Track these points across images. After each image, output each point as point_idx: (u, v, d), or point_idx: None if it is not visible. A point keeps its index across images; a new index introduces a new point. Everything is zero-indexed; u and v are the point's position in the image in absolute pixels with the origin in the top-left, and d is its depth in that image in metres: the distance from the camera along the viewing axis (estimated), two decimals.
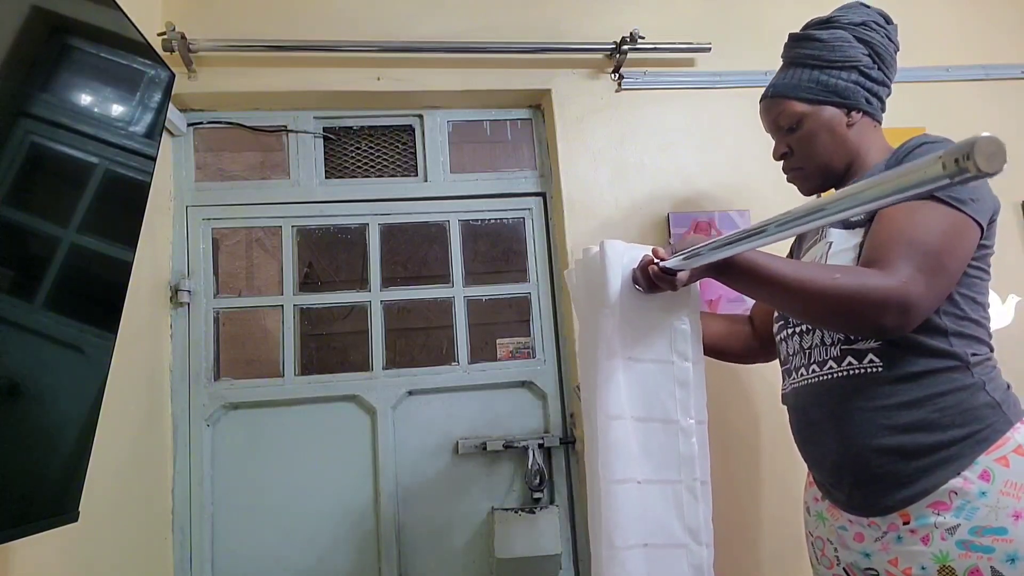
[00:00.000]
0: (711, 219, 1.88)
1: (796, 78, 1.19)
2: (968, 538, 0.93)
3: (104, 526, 1.33)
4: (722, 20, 2.01)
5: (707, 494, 1.09)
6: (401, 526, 1.77)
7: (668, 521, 1.05)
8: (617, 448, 1.04)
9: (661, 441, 1.07)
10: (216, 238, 1.87)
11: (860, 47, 1.17)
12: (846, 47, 1.16)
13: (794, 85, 1.18)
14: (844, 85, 1.16)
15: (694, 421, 1.10)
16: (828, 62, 1.17)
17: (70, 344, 1.06)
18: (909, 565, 0.97)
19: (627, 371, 1.07)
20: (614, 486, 1.03)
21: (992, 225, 1.05)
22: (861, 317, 0.95)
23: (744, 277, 1.01)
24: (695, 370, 1.11)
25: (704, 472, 1.10)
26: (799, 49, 1.20)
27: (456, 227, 1.95)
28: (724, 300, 1.84)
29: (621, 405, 1.06)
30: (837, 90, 1.16)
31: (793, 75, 1.19)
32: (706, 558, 1.07)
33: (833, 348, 1.07)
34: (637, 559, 1.02)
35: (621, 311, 1.08)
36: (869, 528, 1.03)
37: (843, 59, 1.16)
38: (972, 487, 0.94)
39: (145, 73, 1.26)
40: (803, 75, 1.18)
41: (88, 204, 1.08)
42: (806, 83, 1.17)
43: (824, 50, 1.17)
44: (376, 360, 1.84)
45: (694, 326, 1.13)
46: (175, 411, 1.73)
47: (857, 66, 1.16)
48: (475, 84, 1.90)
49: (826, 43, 1.17)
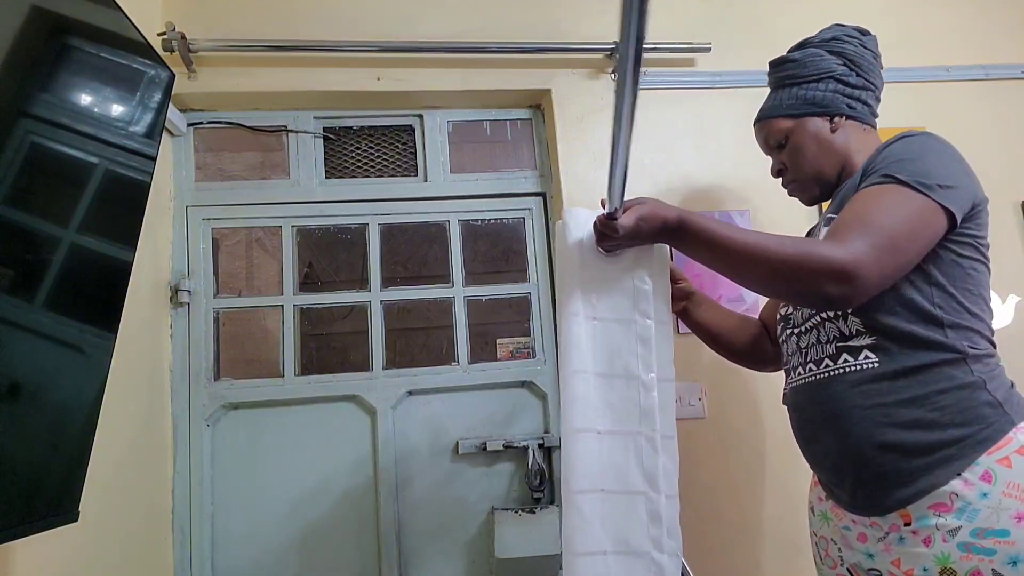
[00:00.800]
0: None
1: (778, 99, 1.25)
2: (970, 540, 0.93)
3: (104, 526, 1.33)
4: (722, 20, 2.01)
5: (670, 448, 1.10)
6: (401, 526, 1.77)
7: (627, 469, 1.08)
8: (579, 401, 1.08)
9: (623, 395, 1.10)
10: (216, 238, 1.87)
11: (833, 58, 1.21)
12: (818, 61, 1.22)
13: (776, 105, 1.25)
14: (822, 95, 1.20)
15: (655, 376, 1.12)
16: (803, 77, 1.22)
17: (70, 344, 1.06)
18: (911, 566, 0.97)
19: (591, 330, 1.12)
20: (574, 435, 1.07)
21: (977, 215, 1.04)
22: (803, 282, 0.96)
23: (694, 239, 1.04)
24: (658, 328, 1.14)
25: (667, 426, 1.11)
26: (777, 73, 1.27)
27: (456, 227, 1.95)
28: (725, 300, 1.84)
29: (585, 361, 1.10)
30: (815, 100, 1.21)
31: (776, 97, 1.26)
32: (664, 506, 1.08)
33: (829, 346, 1.09)
34: (593, 503, 1.05)
35: (585, 273, 1.13)
36: (871, 528, 1.03)
37: (817, 72, 1.21)
38: (973, 489, 0.94)
39: (145, 73, 1.26)
40: (783, 94, 1.25)
41: (88, 204, 1.08)
42: (787, 100, 1.24)
43: (798, 67, 1.23)
44: (376, 360, 1.84)
45: (657, 287, 1.16)
46: (175, 411, 1.73)
47: (832, 75, 1.20)
48: (475, 84, 1.90)
49: (799, 61, 1.23)
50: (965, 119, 2.01)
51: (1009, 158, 2.03)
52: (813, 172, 1.21)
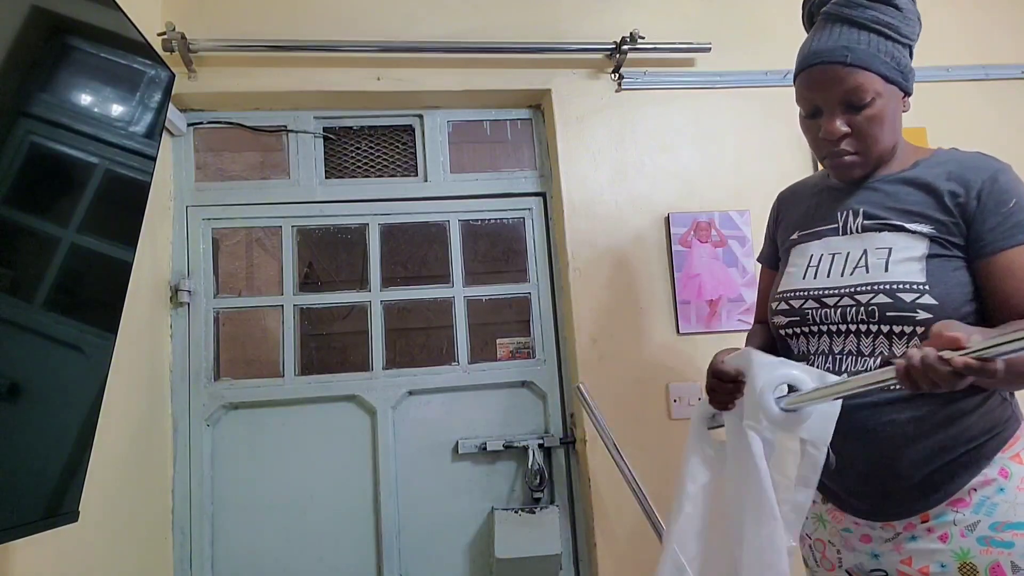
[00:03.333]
0: (711, 219, 1.88)
1: (874, 47, 1.00)
2: (988, 534, 0.93)
3: (104, 526, 1.33)
4: (722, 20, 2.01)
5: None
6: (401, 526, 1.77)
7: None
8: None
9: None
10: (216, 238, 1.87)
11: (918, 25, 1.05)
12: (915, 24, 1.03)
13: (873, 55, 1.00)
14: (908, 68, 1.03)
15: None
16: (903, 36, 1.02)
17: (70, 344, 1.06)
18: (926, 563, 0.96)
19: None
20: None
21: None
22: None
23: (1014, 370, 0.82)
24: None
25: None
26: (874, 12, 1.01)
27: (456, 227, 1.95)
28: (724, 299, 1.84)
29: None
30: (905, 72, 1.03)
31: (869, 42, 1.00)
32: None
33: (872, 359, 1.01)
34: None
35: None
36: (882, 530, 1.02)
37: (912, 36, 1.03)
38: (991, 483, 0.95)
39: (145, 73, 1.26)
40: (880, 45, 1.00)
41: (88, 204, 1.08)
42: (883, 56, 1.00)
43: (903, 21, 1.02)
44: (376, 360, 1.84)
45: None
46: (175, 411, 1.73)
47: (911, 47, 1.04)
48: (475, 84, 1.90)
49: (904, 13, 1.02)
50: (965, 119, 2.01)
51: (1009, 158, 2.00)
52: (881, 150, 1.04)
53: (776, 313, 1.14)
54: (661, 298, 1.85)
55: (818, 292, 1.07)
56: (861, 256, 1.04)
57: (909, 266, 0.99)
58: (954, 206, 0.99)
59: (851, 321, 1.02)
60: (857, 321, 1.02)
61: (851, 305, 1.02)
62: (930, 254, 0.99)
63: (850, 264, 1.04)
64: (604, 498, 1.73)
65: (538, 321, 1.92)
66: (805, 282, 1.09)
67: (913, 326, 0.96)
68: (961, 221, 0.99)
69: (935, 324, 0.79)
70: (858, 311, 1.01)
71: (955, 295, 0.97)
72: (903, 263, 0.99)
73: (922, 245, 0.99)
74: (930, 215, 1.00)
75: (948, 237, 0.99)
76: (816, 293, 1.07)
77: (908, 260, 0.99)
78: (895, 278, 0.99)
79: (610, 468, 1.62)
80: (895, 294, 0.97)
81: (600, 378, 1.76)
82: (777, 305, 1.13)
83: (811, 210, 1.16)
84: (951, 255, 0.99)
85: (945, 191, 1.00)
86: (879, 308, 0.99)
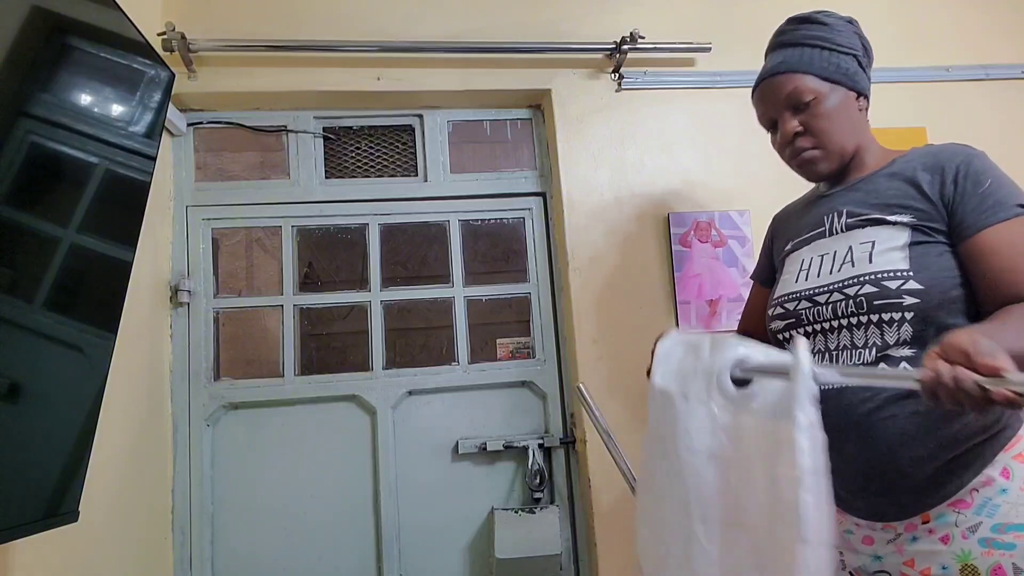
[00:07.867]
0: (711, 219, 1.88)
1: (807, 56, 1.12)
2: (990, 535, 0.92)
3: (104, 526, 1.33)
4: (722, 20, 2.01)
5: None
6: (401, 526, 1.77)
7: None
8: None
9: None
10: (216, 238, 1.87)
11: (856, 39, 1.14)
12: (848, 35, 1.14)
13: (807, 61, 1.12)
14: (854, 70, 1.12)
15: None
16: (836, 44, 1.12)
17: (70, 344, 1.06)
18: (928, 565, 0.96)
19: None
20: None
21: None
22: None
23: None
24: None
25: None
26: (803, 31, 1.15)
27: (456, 227, 1.95)
28: (724, 299, 1.84)
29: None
30: (848, 73, 1.12)
31: (802, 54, 1.13)
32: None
33: (867, 352, 1.02)
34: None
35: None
36: (883, 532, 1.02)
37: (848, 46, 1.13)
38: (993, 484, 0.94)
39: (145, 73, 1.26)
40: (812, 54, 1.12)
41: (88, 204, 1.08)
42: (819, 61, 1.11)
43: (831, 32, 1.13)
44: (376, 360, 1.84)
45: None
46: (175, 411, 1.73)
47: (856, 56, 1.13)
48: (475, 84, 1.90)
49: (831, 26, 1.14)
50: (965, 119, 2.01)
51: (1009, 158, 2.01)
52: (840, 143, 1.12)
53: (773, 319, 1.18)
54: (661, 298, 1.84)
55: (810, 292, 1.10)
56: (847, 252, 1.07)
57: (892, 255, 1.02)
58: (933, 193, 1.03)
59: (842, 316, 1.05)
60: (847, 315, 1.04)
61: (840, 299, 1.05)
62: (912, 242, 1.01)
63: (837, 262, 1.08)
64: (604, 498, 1.73)
65: (538, 321, 1.92)
66: (797, 285, 1.13)
67: (901, 312, 0.98)
68: (941, 207, 1.02)
69: (955, 336, 0.77)
70: (847, 304, 1.04)
71: (941, 280, 0.99)
72: (886, 253, 1.02)
73: (904, 235, 1.02)
74: (910, 205, 1.03)
75: (930, 224, 1.02)
76: (808, 293, 1.10)
77: (891, 250, 1.02)
78: (879, 268, 1.01)
79: (610, 468, 1.62)
80: (880, 283, 1.00)
81: (600, 378, 1.76)
82: (773, 311, 1.17)
83: (802, 221, 1.21)
84: (934, 240, 1.01)
85: (923, 180, 1.04)
86: (866, 298, 1.01)
